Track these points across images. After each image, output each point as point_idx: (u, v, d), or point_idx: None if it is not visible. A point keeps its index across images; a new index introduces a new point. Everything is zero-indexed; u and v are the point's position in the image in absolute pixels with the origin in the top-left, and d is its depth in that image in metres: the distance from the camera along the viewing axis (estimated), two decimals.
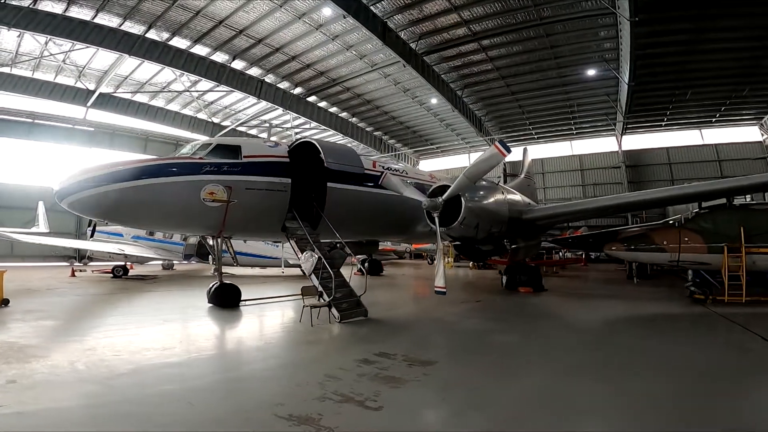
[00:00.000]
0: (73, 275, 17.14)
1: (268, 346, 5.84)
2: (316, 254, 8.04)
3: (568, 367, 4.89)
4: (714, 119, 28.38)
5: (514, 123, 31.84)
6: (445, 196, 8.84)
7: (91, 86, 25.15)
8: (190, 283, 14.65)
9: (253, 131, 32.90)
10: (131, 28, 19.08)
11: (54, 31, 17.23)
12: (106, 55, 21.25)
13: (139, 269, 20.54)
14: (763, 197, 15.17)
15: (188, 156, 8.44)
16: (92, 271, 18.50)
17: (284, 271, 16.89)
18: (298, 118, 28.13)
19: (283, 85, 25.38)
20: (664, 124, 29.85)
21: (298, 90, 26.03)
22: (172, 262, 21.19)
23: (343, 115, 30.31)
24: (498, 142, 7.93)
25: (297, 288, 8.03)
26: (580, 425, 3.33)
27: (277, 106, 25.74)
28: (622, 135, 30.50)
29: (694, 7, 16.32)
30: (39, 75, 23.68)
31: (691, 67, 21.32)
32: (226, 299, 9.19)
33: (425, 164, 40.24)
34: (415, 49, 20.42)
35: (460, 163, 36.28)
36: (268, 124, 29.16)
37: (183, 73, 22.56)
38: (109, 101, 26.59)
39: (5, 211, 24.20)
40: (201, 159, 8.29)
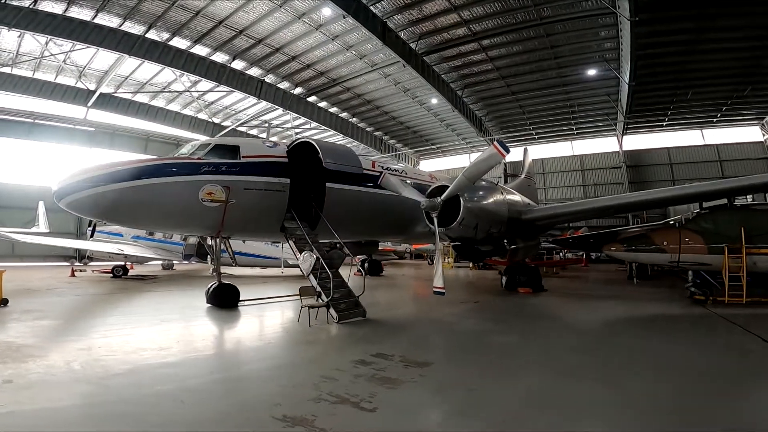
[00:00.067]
0: (73, 275, 17.17)
1: (266, 347, 5.83)
2: (315, 254, 8.04)
3: (568, 367, 4.87)
4: (715, 119, 28.29)
5: (514, 123, 31.79)
6: (443, 197, 8.83)
7: (92, 86, 25.20)
8: (189, 283, 14.65)
9: (254, 131, 32.91)
10: (131, 28, 19.10)
11: (54, 31, 17.26)
12: (106, 56, 21.28)
13: (139, 269, 20.57)
14: (764, 198, 15.11)
15: (187, 156, 8.43)
16: (92, 271, 18.53)
17: (284, 272, 16.89)
18: (299, 118, 28.15)
19: (283, 86, 25.38)
20: (665, 124, 29.77)
21: (298, 90, 26.03)
22: (172, 262, 21.20)
23: (344, 115, 30.30)
24: (497, 141, 7.89)
25: (296, 288, 8.01)
26: (580, 426, 3.31)
27: (277, 107, 25.75)
28: (623, 135, 30.41)
29: (695, 6, 16.27)
30: (39, 75, 23.71)
31: (691, 67, 21.25)
32: (225, 299, 9.21)
33: (426, 164, 40.21)
34: (415, 49, 20.40)
35: (461, 163, 36.21)
36: (268, 124, 29.17)
37: (183, 74, 22.57)
38: (109, 101, 26.63)
39: (5, 211, 24.27)
40: (199, 159, 8.28)
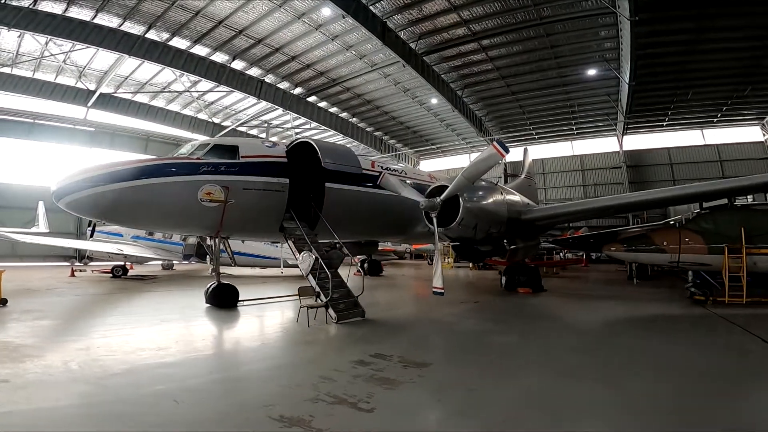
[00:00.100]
0: (73, 275, 17.18)
1: (264, 347, 5.81)
2: (314, 254, 8.03)
3: (567, 367, 4.85)
4: (715, 119, 28.24)
5: (514, 123, 31.77)
6: (443, 197, 8.81)
7: (92, 86, 25.21)
8: (189, 284, 14.65)
9: (254, 131, 32.91)
10: (131, 28, 19.10)
11: (54, 31, 17.26)
12: (106, 56, 21.29)
13: (138, 269, 20.57)
14: (764, 198, 15.06)
15: (186, 156, 8.42)
16: (92, 271, 18.54)
17: (283, 272, 16.88)
18: (299, 118, 28.14)
19: (283, 86, 25.38)
20: (665, 124, 29.73)
21: (298, 90, 26.02)
22: (172, 262, 21.21)
23: (344, 115, 30.29)
24: (496, 141, 7.88)
25: (296, 288, 8.00)
26: (580, 426, 3.29)
27: (277, 107, 25.73)
28: (623, 135, 30.36)
29: (695, 6, 16.24)
30: (39, 75, 23.72)
31: (692, 67, 21.22)
32: (224, 299, 9.20)
33: (426, 164, 40.19)
34: (415, 49, 20.38)
35: (461, 164, 36.17)
36: (267, 124, 29.16)
37: (183, 74, 22.56)
38: (109, 101, 26.64)
39: (6, 211, 24.29)
40: (198, 159, 8.27)
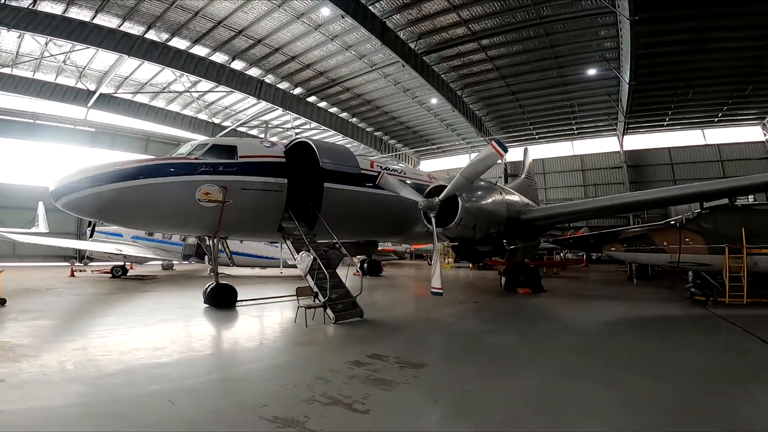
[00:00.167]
0: (73, 275, 17.21)
1: (261, 347, 5.79)
2: (312, 254, 8.01)
3: (566, 368, 4.82)
4: (716, 119, 28.17)
5: (514, 123, 31.73)
6: (441, 197, 8.79)
7: (92, 87, 25.24)
8: (188, 284, 14.64)
9: (254, 131, 32.91)
10: (131, 28, 19.11)
11: (54, 32, 17.27)
12: (106, 56, 21.30)
13: (138, 269, 20.60)
14: (765, 197, 14.99)
15: (184, 156, 8.39)
16: (92, 272, 18.57)
17: (282, 272, 16.86)
18: (298, 118, 28.15)
19: (283, 86, 25.37)
20: (665, 124, 29.67)
21: (297, 90, 26.02)
22: (172, 263, 21.22)
23: (343, 115, 30.28)
24: (495, 141, 7.85)
25: (295, 289, 7.98)
26: (578, 427, 3.27)
27: (277, 107, 25.75)
28: (624, 135, 30.31)
29: (695, 5, 16.18)
30: (40, 76, 23.75)
31: (692, 67, 21.15)
32: (222, 299, 9.20)
33: (426, 164, 40.16)
34: (415, 48, 20.35)
35: (461, 164, 35.97)
36: (266, 124, 29.17)
37: (183, 74, 22.56)
38: (109, 102, 26.67)
39: (6, 211, 24.35)
40: (197, 159, 8.25)
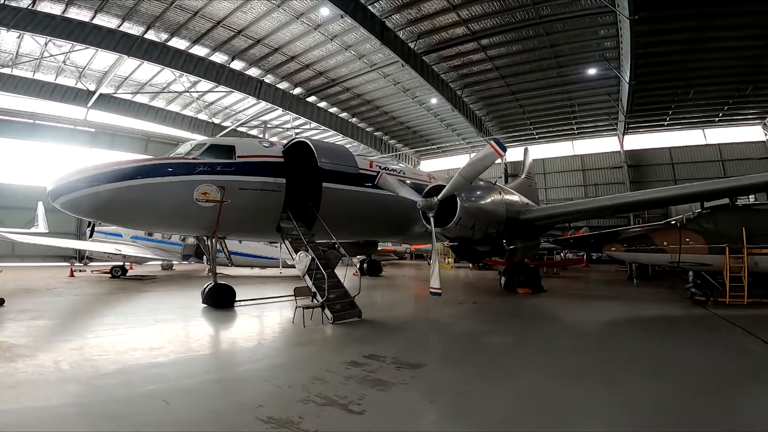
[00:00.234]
0: (72, 275, 17.20)
1: (258, 348, 5.77)
2: (310, 254, 7.99)
3: (566, 368, 4.80)
4: (717, 119, 28.10)
5: (514, 123, 31.69)
6: (440, 196, 8.76)
7: (92, 87, 25.25)
8: (188, 284, 14.62)
9: (254, 131, 32.90)
10: (130, 29, 19.11)
11: (53, 32, 17.28)
12: (105, 56, 21.31)
13: (138, 269, 20.60)
14: (766, 197, 14.93)
15: (182, 156, 8.39)
16: (92, 272, 18.56)
17: (282, 272, 16.84)
18: (298, 118, 28.14)
19: (283, 86, 25.37)
20: (666, 123, 29.60)
21: (297, 90, 26.01)
22: (171, 263, 21.21)
23: (343, 115, 30.26)
24: (493, 140, 7.83)
25: (293, 289, 7.96)
26: (577, 428, 3.25)
27: (276, 107, 25.74)
28: (624, 135, 30.23)
29: (695, 5, 16.12)
30: (39, 76, 23.76)
31: (692, 66, 21.09)
32: (221, 300, 9.19)
33: (426, 164, 40.13)
34: (414, 48, 20.33)
35: (461, 164, 35.57)
36: (264, 124, 29.15)
37: (182, 74, 22.56)
38: (109, 102, 26.69)
39: (6, 211, 24.37)
40: (194, 159, 8.24)
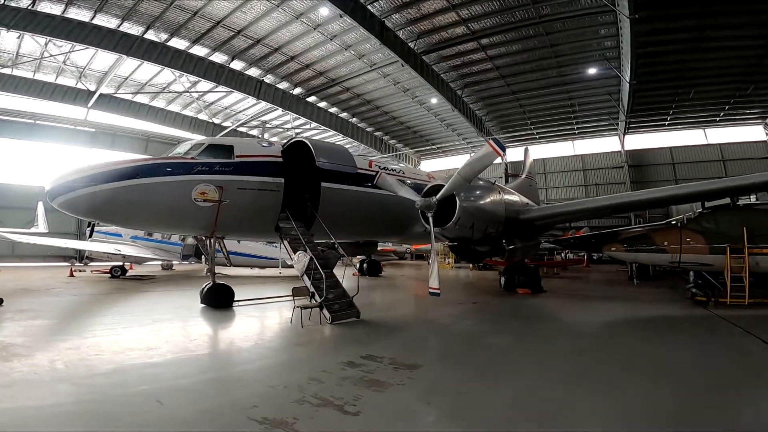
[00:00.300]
0: (72, 275, 17.19)
1: (255, 348, 5.74)
2: (309, 254, 7.96)
3: (565, 369, 4.76)
4: (718, 118, 28.02)
5: (515, 123, 31.64)
6: (438, 196, 8.74)
7: (92, 87, 25.27)
8: (188, 284, 14.60)
9: (254, 132, 32.89)
10: (130, 29, 19.11)
11: (53, 32, 17.30)
12: (105, 56, 21.31)
13: (138, 269, 20.60)
14: None
15: (180, 156, 8.37)
16: (91, 272, 18.57)
17: (282, 272, 16.81)
18: (298, 118, 28.13)
19: (283, 86, 25.36)
20: (667, 123, 29.52)
21: (297, 90, 26.00)
22: (171, 263, 21.20)
23: (343, 115, 30.25)
24: (492, 140, 7.81)
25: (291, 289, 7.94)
26: (576, 428, 3.22)
27: (276, 107, 25.74)
28: (625, 134, 30.18)
29: (695, 4, 16.07)
30: (40, 76, 23.79)
31: (693, 66, 21.03)
32: (219, 300, 9.18)
33: (427, 164, 40.10)
34: (414, 48, 20.30)
35: (462, 164, 35.74)
36: (263, 124, 29.12)
37: (182, 74, 22.56)
38: (110, 102, 26.71)
39: (6, 211, 24.40)
40: (193, 159, 8.22)
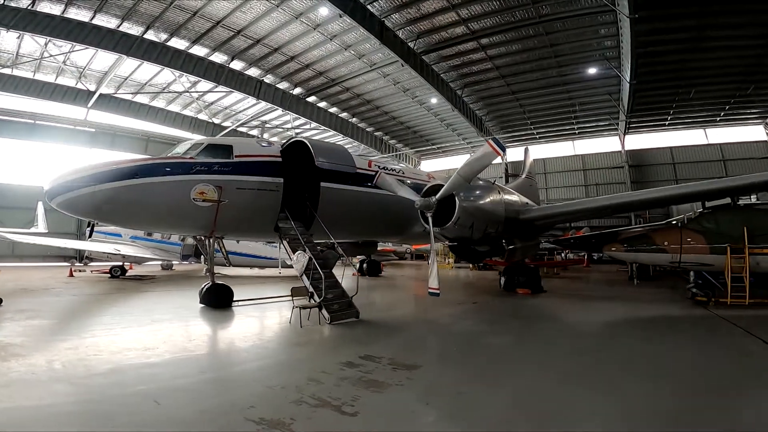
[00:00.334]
0: (72, 275, 17.19)
1: (253, 348, 5.72)
2: (308, 254, 7.95)
3: (565, 369, 4.75)
4: (718, 118, 27.97)
5: (515, 123, 31.61)
6: (438, 196, 8.72)
7: (92, 87, 25.26)
8: (188, 284, 14.58)
9: (254, 132, 32.89)
10: (129, 29, 19.10)
11: (53, 32, 17.29)
12: (105, 56, 21.30)
13: (138, 269, 20.59)
14: None
15: (179, 156, 8.37)
16: (91, 272, 18.56)
17: (281, 272, 16.79)
18: (298, 118, 28.11)
19: (283, 86, 25.34)
20: (667, 123, 29.47)
21: (297, 90, 25.98)
22: (171, 263, 21.19)
23: (343, 115, 30.23)
24: (491, 139, 7.79)
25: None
26: (575, 428, 3.20)
27: (276, 107, 25.72)
28: (625, 134, 30.14)
29: (695, 3, 16.02)
30: (40, 76, 23.78)
31: (693, 65, 20.98)
32: (218, 300, 9.17)
33: (427, 164, 40.08)
34: (414, 48, 20.27)
35: (462, 164, 35.92)
36: (262, 124, 29.10)
37: (182, 74, 22.54)
38: (110, 102, 26.70)
39: (6, 211, 24.41)
40: (192, 159, 8.21)
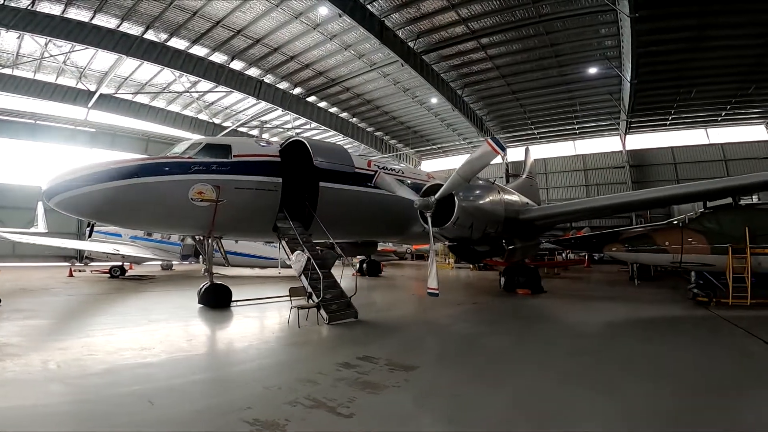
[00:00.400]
0: (71, 275, 17.18)
1: (251, 348, 5.69)
2: (306, 254, 7.92)
3: (565, 370, 4.70)
4: (719, 118, 27.89)
5: (515, 122, 31.56)
6: (437, 195, 8.68)
7: (92, 87, 25.28)
8: (187, 284, 14.56)
9: (254, 132, 32.87)
10: (129, 29, 19.10)
11: (53, 32, 17.29)
12: (105, 56, 21.31)
13: (138, 269, 20.59)
14: None
15: (177, 155, 8.35)
16: (91, 272, 18.57)
17: (281, 272, 16.77)
18: (299, 118, 28.10)
19: (283, 86, 25.33)
20: (668, 123, 29.39)
21: (297, 90, 25.96)
22: (171, 263, 21.18)
23: (344, 115, 30.21)
24: (491, 139, 7.75)
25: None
26: (575, 428, 3.17)
27: (276, 107, 25.70)
28: (626, 134, 30.06)
29: (696, 3, 15.98)
30: (40, 76, 23.81)
31: (694, 65, 20.91)
32: (217, 300, 9.14)
33: (427, 164, 40.04)
34: (414, 48, 20.24)
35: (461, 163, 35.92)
36: (262, 123, 29.08)
37: (182, 74, 22.54)
38: (110, 102, 26.73)
39: (7, 211, 24.45)
40: (190, 158, 8.20)
